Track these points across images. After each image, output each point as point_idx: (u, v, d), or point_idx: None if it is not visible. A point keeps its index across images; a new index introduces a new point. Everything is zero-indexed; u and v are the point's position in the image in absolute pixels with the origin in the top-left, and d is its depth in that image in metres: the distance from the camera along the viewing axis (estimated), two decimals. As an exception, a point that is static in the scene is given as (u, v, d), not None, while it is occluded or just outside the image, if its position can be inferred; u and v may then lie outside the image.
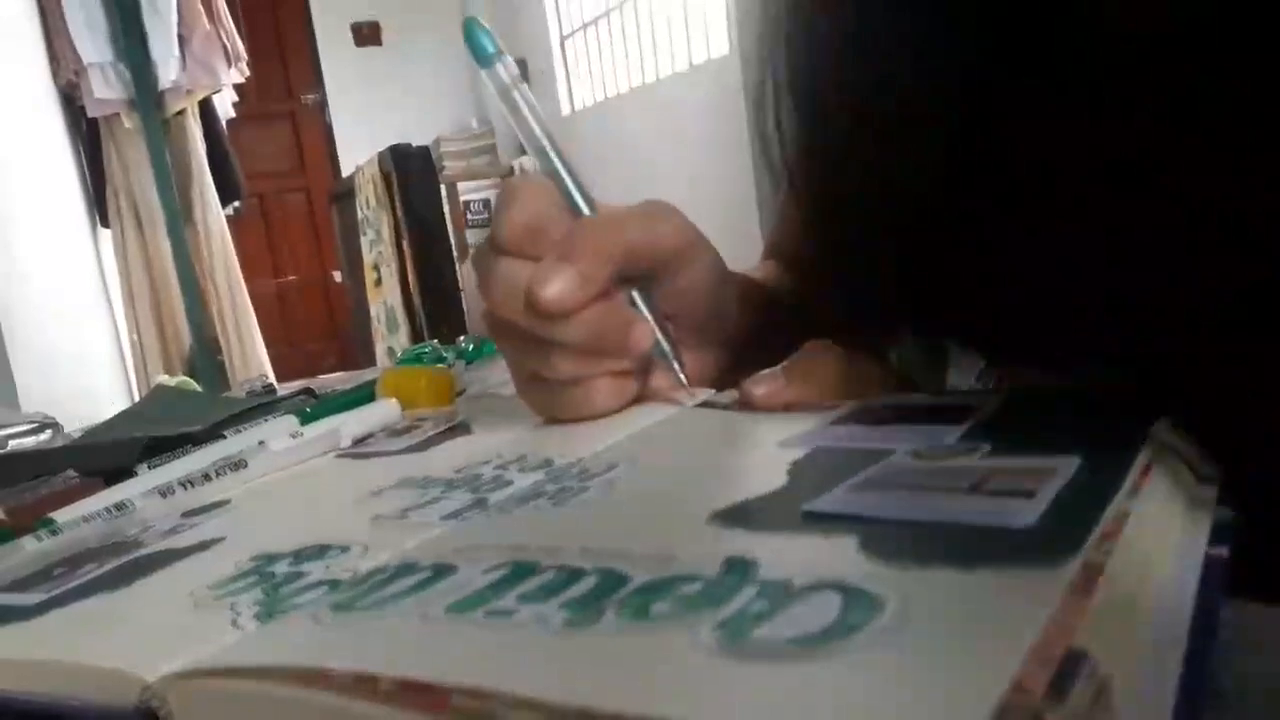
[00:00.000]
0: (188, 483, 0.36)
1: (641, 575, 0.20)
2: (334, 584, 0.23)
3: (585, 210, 0.38)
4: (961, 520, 0.21)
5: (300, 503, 0.35)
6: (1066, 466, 0.24)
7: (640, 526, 0.25)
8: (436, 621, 0.20)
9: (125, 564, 0.29)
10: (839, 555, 0.20)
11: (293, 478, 0.38)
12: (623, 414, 0.38)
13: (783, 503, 0.24)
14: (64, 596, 0.26)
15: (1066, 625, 0.16)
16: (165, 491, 0.35)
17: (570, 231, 0.36)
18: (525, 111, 0.39)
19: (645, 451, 0.32)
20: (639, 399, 0.39)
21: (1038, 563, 0.18)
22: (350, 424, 0.42)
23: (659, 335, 0.38)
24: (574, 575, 0.20)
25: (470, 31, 0.38)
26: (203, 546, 0.29)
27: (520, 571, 0.21)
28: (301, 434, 0.41)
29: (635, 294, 0.38)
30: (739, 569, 0.19)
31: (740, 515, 0.23)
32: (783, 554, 0.20)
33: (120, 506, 0.33)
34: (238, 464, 0.38)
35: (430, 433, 0.41)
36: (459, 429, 0.41)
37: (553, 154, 0.39)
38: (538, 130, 0.39)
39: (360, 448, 0.41)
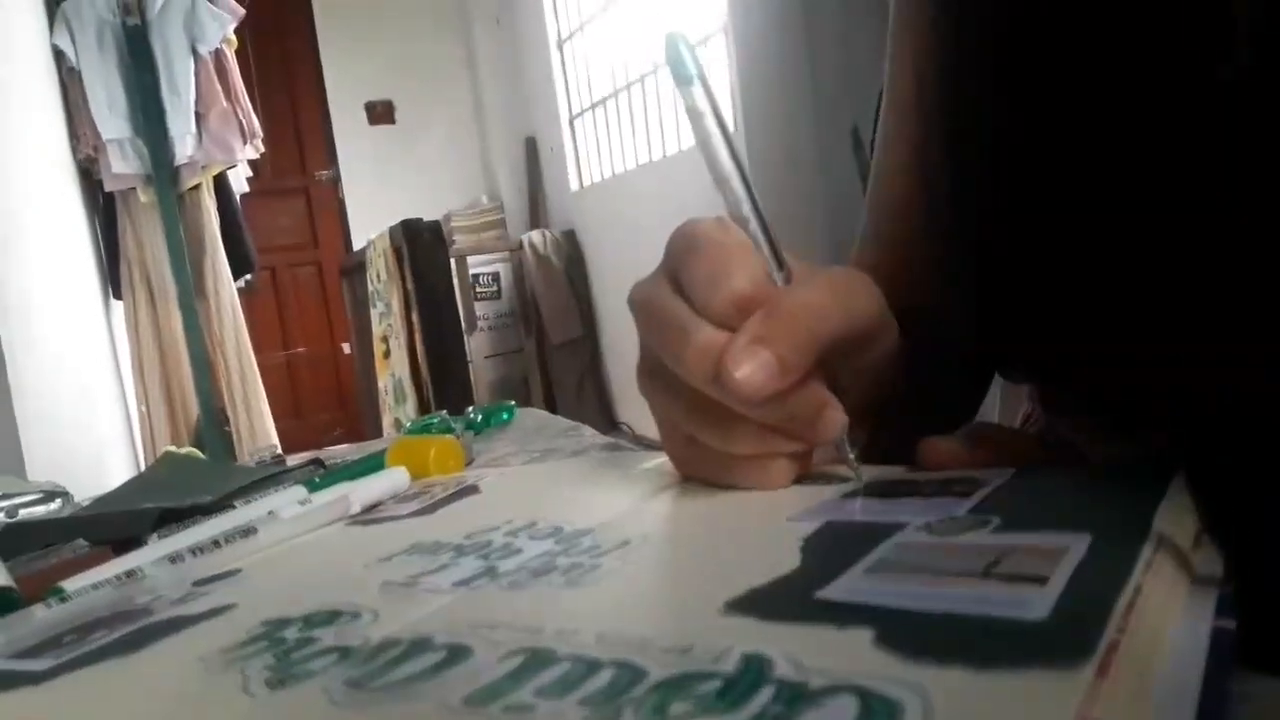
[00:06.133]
0: (197, 550, 0.36)
1: (658, 670, 0.20)
2: (345, 651, 0.23)
3: (776, 270, 0.34)
4: (976, 612, 0.21)
5: (311, 569, 0.34)
6: (1078, 545, 0.23)
7: (655, 613, 0.25)
8: (454, 713, 0.19)
9: (136, 630, 0.28)
10: (854, 651, 0.19)
11: (303, 545, 0.38)
12: (629, 480, 0.38)
13: (796, 588, 0.24)
14: (74, 662, 0.26)
15: (1083, 710, 0.16)
16: (175, 559, 0.35)
17: (771, 309, 0.32)
18: (718, 144, 0.34)
19: (655, 525, 0.32)
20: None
21: (1055, 663, 0.18)
22: (360, 491, 0.42)
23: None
24: (591, 667, 0.20)
25: (672, 46, 0.34)
26: (214, 613, 0.29)
27: (537, 661, 0.21)
28: (310, 501, 0.41)
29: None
30: (755, 666, 0.19)
31: (754, 603, 0.23)
32: (798, 648, 0.20)
33: (130, 574, 0.33)
34: (247, 531, 0.38)
35: (439, 496, 0.41)
36: (468, 490, 0.41)
37: (747, 199, 0.34)
38: (729, 168, 0.34)
39: (370, 515, 0.41)
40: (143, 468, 2.90)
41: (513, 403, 0.87)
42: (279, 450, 0.75)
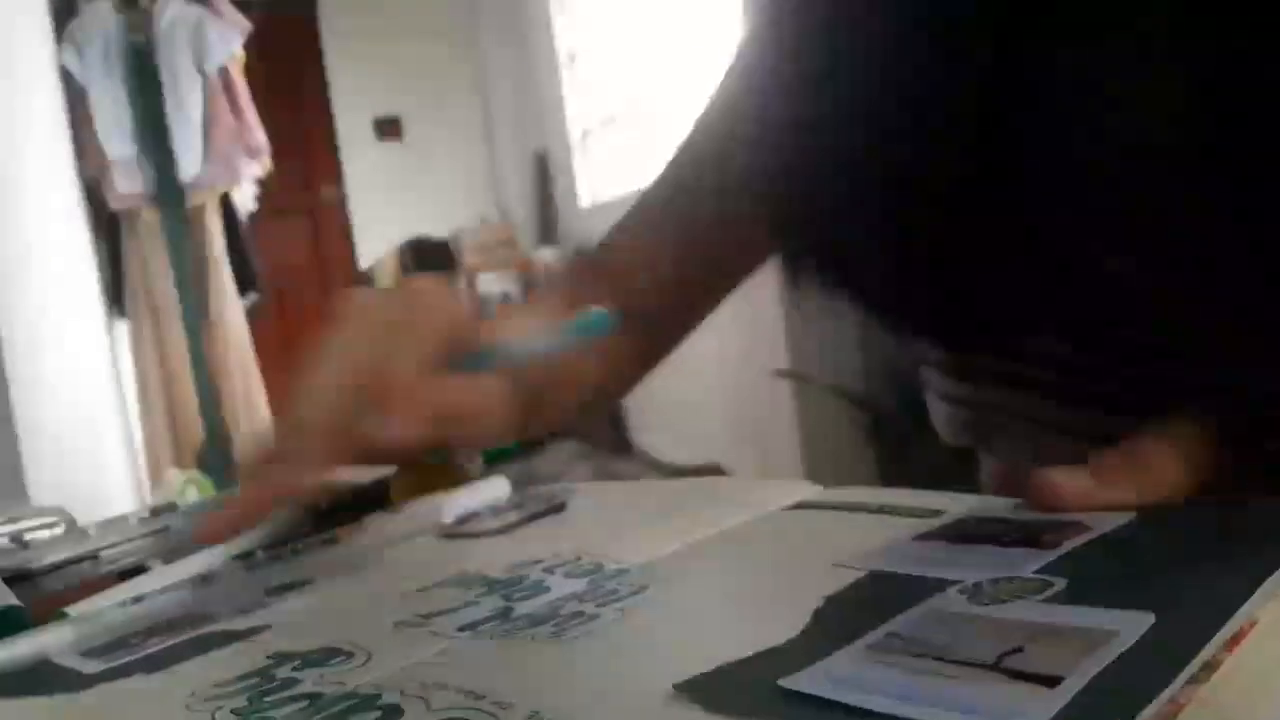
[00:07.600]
0: (272, 554, 0.33)
1: None
2: (315, 698, 0.24)
3: None
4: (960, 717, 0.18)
5: (362, 591, 0.34)
6: (1132, 628, 0.21)
7: (600, 690, 0.23)
8: None
9: (180, 643, 0.30)
10: None
11: (375, 559, 0.37)
12: (705, 510, 0.36)
13: (766, 670, 0.22)
14: (114, 671, 0.28)
15: None
16: (249, 565, 0.32)
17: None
18: None
19: (689, 569, 0.31)
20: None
21: None
22: (454, 502, 0.41)
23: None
24: None
25: None
26: (252, 632, 0.30)
27: None
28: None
29: None
30: None
31: (708, 688, 0.21)
32: None
33: (205, 579, 0.33)
34: (326, 540, 0.35)
35: (528, 511, 0.40)
36: (556, 509, 0.40)
37: None
38: None
39: (461, 527, 0.40)
40: (145, 489, 2.87)
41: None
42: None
